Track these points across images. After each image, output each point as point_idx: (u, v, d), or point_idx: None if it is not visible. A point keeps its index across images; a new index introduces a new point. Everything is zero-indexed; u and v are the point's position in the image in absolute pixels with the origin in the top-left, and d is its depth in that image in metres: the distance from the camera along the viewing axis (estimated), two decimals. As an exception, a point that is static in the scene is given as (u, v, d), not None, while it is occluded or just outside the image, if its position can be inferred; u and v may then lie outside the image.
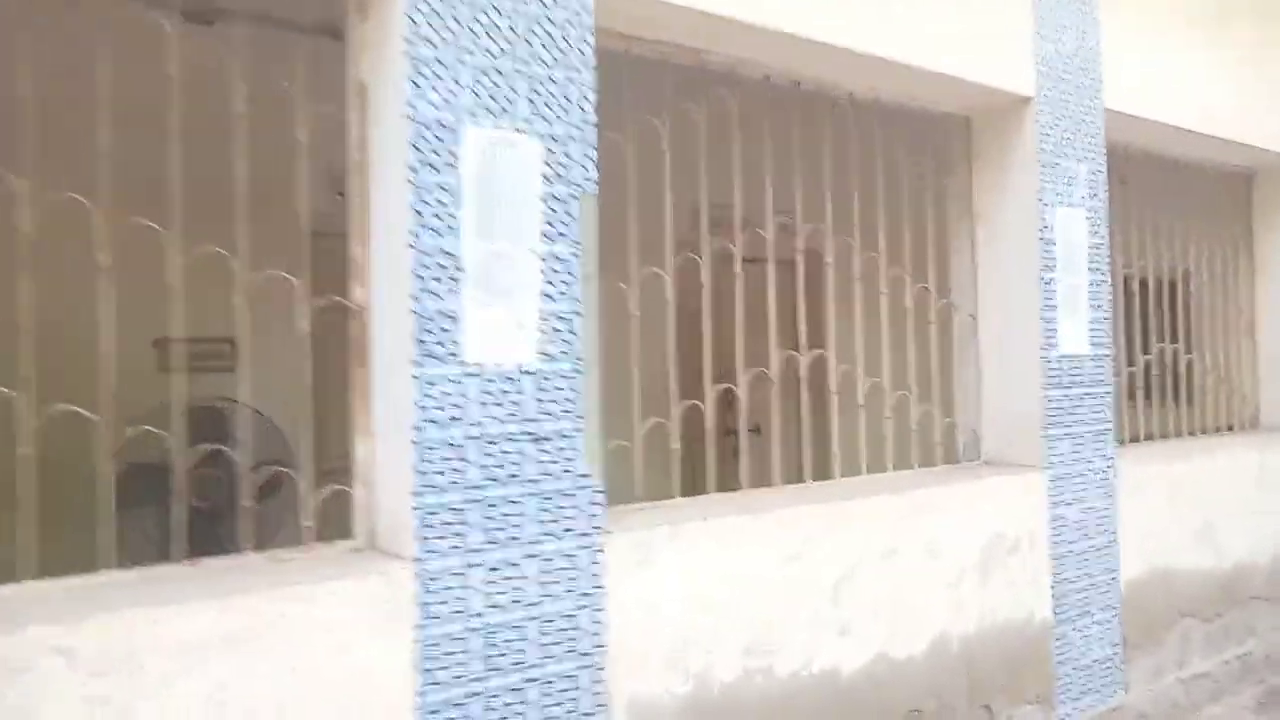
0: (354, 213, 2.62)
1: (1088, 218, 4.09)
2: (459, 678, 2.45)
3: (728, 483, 3.40)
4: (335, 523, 2.65)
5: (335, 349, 2.69)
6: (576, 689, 2.65)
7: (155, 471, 3.05)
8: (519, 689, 2.55)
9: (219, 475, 4.09)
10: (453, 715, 2.44)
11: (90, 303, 2.35)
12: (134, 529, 3.93)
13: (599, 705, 2.68)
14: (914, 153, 3.93)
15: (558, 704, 2.61)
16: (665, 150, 3.21)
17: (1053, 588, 3.86)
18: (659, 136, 3.19)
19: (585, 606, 2.67)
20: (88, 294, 2.36)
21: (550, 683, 2.60)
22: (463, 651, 2.47)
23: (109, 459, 2.36)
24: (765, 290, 3.49)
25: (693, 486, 3.30)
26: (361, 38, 2.60)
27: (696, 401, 3.25)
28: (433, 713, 2.41)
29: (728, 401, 3.37)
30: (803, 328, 3.58)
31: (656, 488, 3.20)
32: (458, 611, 2.47)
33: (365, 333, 2.63)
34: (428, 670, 2.41)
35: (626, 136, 3.11)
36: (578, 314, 2.68)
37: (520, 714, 2.55)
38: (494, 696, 2.51)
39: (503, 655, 2.53)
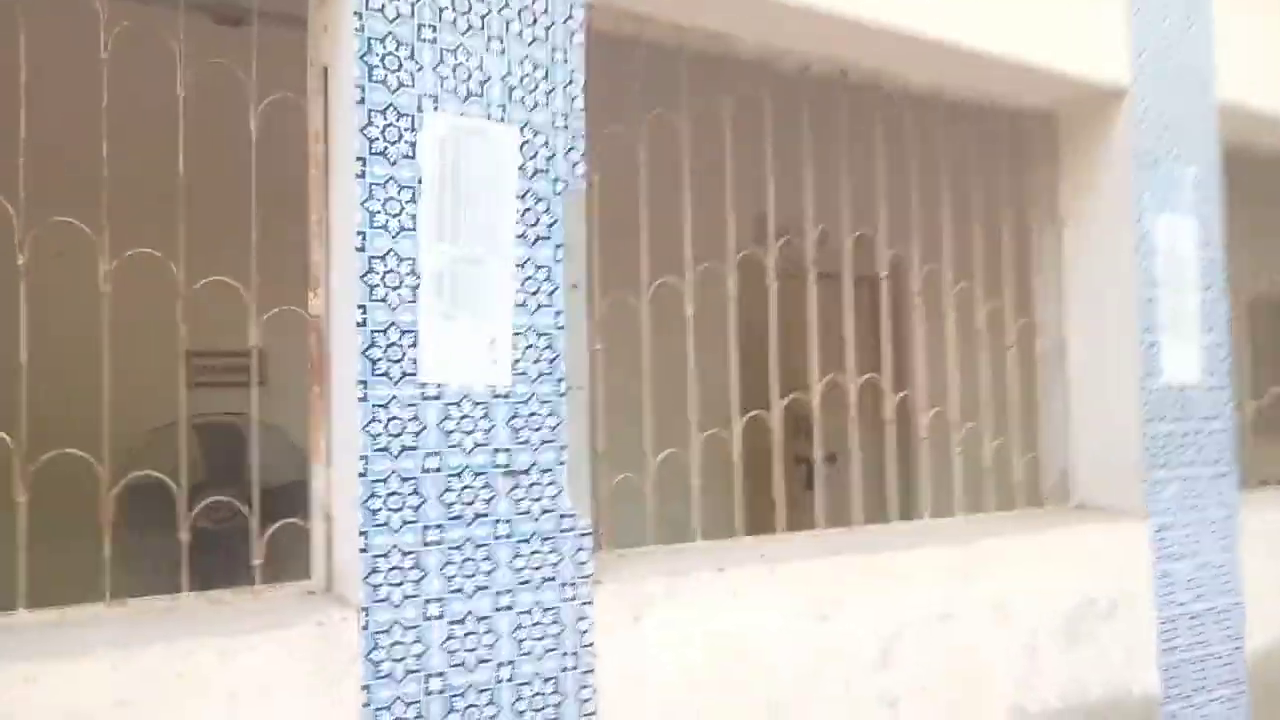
0: (314, 212, 2.34)
1: (1197, 227, 3.53)
2: (415, 750, 2.11)
3: (765, 524, 2.99)
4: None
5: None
6: (558, 766, 2.26)
7: (164, 491, 2.86)
8: (489, 764, 2.18)
9: (231, 496, 3.91)
10: (409, 795, 2.10)
11: (114, 317, 2.16)
12: (144, 551, 3.76)
13: (584, 786, 2.29)
14: (986, 153, 3.45)
15: (535, 783, 2.23)
16: (684, 148, 2.85)
17: (1159, 658, 3.28)
18: (676, 133, 2.83)
19: (569, 669, 2.29)
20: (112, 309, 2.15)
21: (527, 757, 2.23)
22: (419, 718, 2.12)
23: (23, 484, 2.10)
24: (805, 307, 3.07)
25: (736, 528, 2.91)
26: (321, 17, 2.33)
27: (719, 430, 2.85)
28: (384, 792, 2.06)
29: (761, 431, 2.96)
30: (850, 349, 3.13)
31: (678, 530, 2.81)
32: (413, 671, 2.12)
33: (322, 347, 2.33)
34: (374, 741, 2.07)
35: (637, 133, 2.75)
36: (560, 329, 2.33)
37: (492, 794, 2.18)
38: (459, 773, 2.15)
39: (466, 724, 2.17)
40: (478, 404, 2.23)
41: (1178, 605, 3.35)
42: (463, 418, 2.21)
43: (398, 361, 2.15)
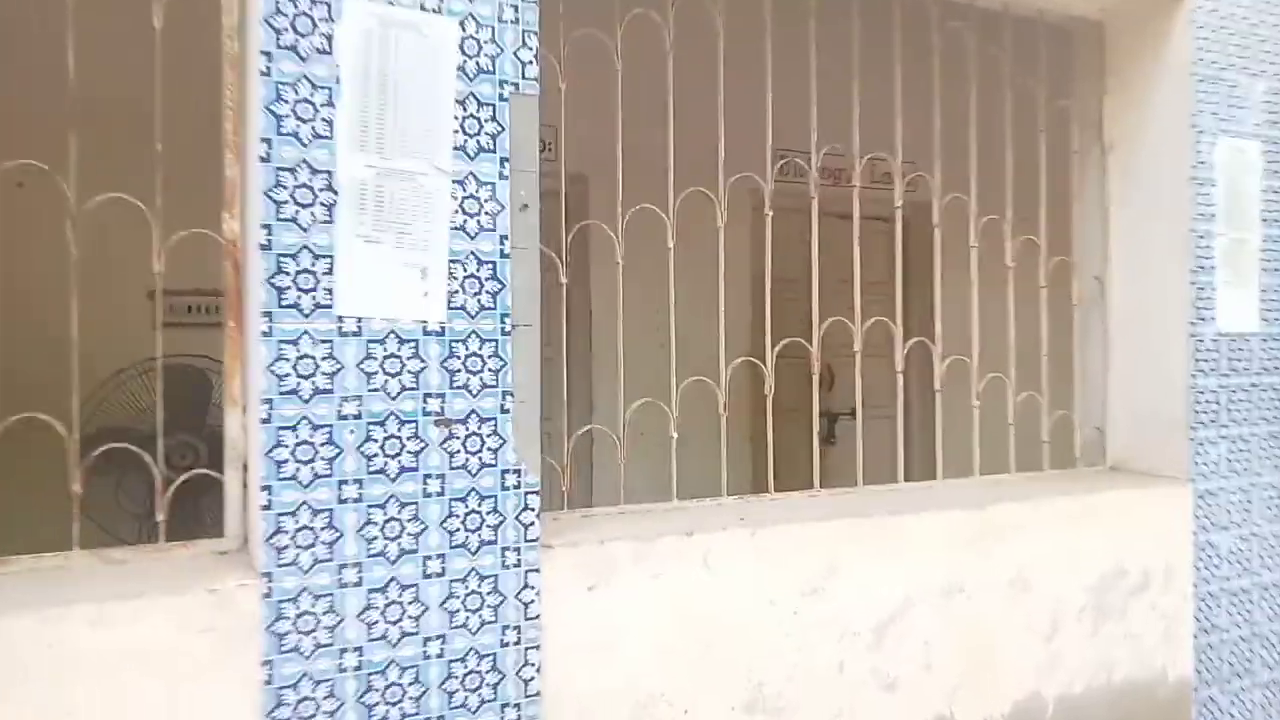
0: (228, 120, 2.04)
1: (1264, 152, 3.10)
2: (328, 732, 1.86)
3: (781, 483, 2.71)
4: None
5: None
6: (497, 752, 2.01)
7: (126, 436, 2.65)
8: (415, 749, 1.93)
9: (193, 442, 3.68)
10: (320, 784, 1.85)
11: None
12: (101, 498, 3.56)
13: (527, 775, 2.03)
14: (1021, 69, 3.04)
15: (470, 771, 1.98)
16: (669, 53, 2.50)
17: (1196, 638, 2.95)
18: (661, 38, 2.48)
19: (510, 643, 2.02)
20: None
21: (462, 742, 1.97)
22: (330, 697, 1.86)
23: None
24: (808, 242, 2.73)
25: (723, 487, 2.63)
26: (236, -106, 2.01)
27: (704, 378, 2.54)
28: (290, 781, 1.82)
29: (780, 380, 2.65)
30: (856, 289, 2.79)
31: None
32: (325, 645, 1.86)
33: (238, 275, 2.05)
34: (279, 721, 1.82)
35: (612, 36, 2.41)
36: (506, 256, 2.01)
37: (418, 782, 1.93)
38: (381, 758, 1.90)
39: (390, 704, 1.91)
40: (406, 341, 1.93)
41: (1220, 580, 3.01)
42: (387, 357, 1.92)
43: (310, 291, 1.86)
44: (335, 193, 1.87)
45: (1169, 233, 3.02)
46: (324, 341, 1.86)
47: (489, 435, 2.00)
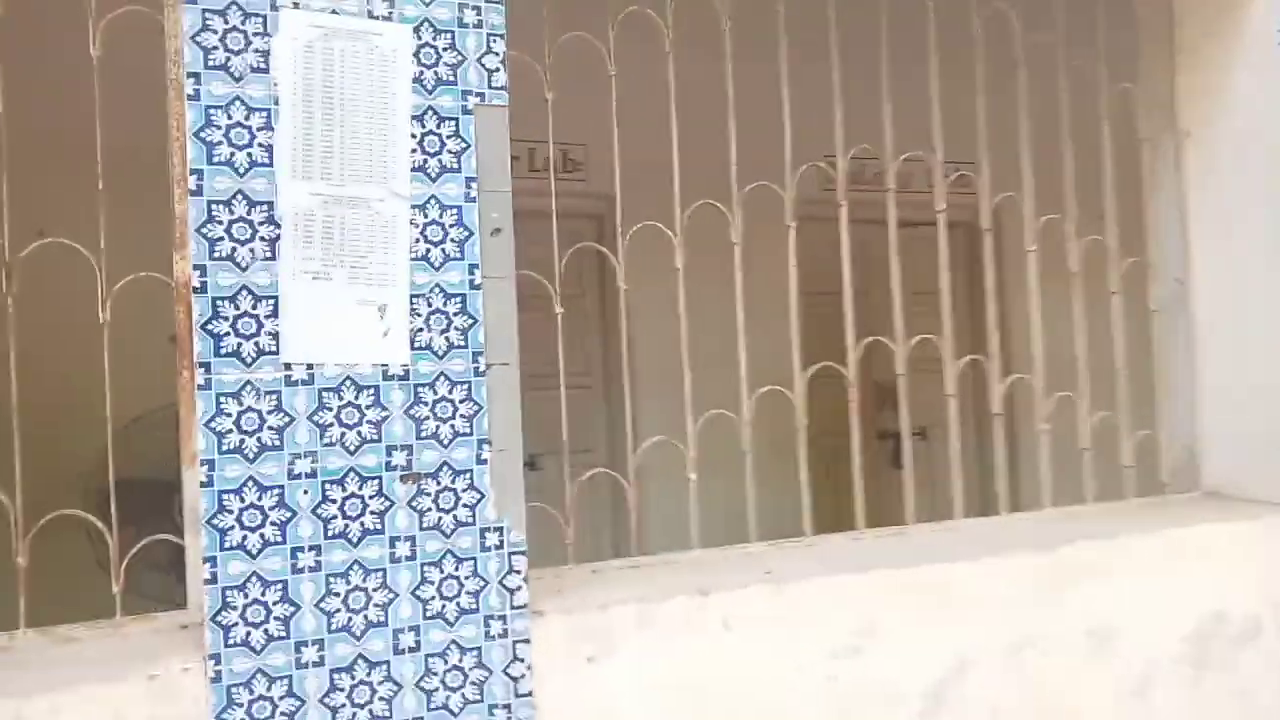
0: (175, 152, 1.86)
1: (1368, 129, 2.72)
2: (291, 834, 1.64)
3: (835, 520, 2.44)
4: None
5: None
6: None
7: (142, 488, 2.54)
8: None
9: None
10: None
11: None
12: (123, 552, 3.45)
13: None
14: (1079, 49, 2.72)
15: None
16: (669, 53, 2.26)
17: (1319, 690, 2.55)
18: (659, 36, 2.24)
19: (498, 725, 1.78)
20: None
21: (447, 839, 1.74)
22: (291, 795, 1.65)
23: None
24: (864, 254, 2.46)
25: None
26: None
27: (725, 411, 2.28)
28: None
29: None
30: (898, 303, 2.50)
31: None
32: (283, 734, 1.65)
33: (190, 319, 1.86)
34: (235, 824, 1.60)
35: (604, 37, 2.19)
36: (476, 288, 1.79)
37: None
38: None
39: (359, 800, 1.68)
40: (364, 389, 1.72)
41: (1344, 620, 2.60)
42: (344, 407, 1.71)
43: (251, 336, 1.66)
44: (277, 225, 1.67)
45: (1261, 224, 2.65)
46: (270, 392, 1.66)
47: (464, 490, 1.77)
